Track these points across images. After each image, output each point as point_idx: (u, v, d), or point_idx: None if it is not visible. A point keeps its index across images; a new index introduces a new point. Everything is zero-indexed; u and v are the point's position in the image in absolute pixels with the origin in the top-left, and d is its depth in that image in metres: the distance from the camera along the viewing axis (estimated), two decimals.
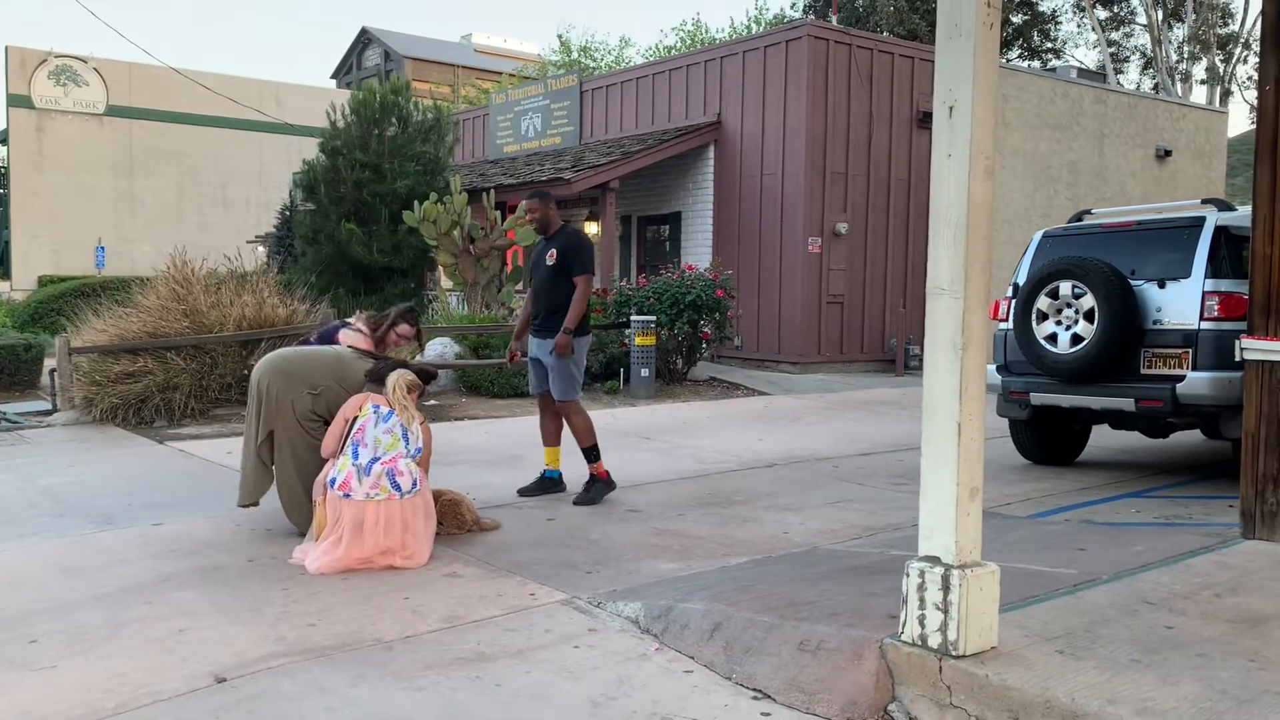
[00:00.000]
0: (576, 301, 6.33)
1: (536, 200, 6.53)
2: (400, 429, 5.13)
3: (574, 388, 6.46)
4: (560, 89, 20.46)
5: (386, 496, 4.93)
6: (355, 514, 4.89)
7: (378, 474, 4.96)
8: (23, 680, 3.61)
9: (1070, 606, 3.90)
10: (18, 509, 6.36)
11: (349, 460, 5.00)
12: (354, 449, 5.03)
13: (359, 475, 4.95)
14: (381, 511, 4.91)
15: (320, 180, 16.30)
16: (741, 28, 36.37)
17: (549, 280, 6.44)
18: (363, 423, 5.10)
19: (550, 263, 6.42)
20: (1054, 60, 35.61)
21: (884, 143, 16.20)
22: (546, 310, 6.46)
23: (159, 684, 3.55)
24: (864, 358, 16.19)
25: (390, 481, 4.96)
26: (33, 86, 31.26)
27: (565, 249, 6.40)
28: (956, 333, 3.31)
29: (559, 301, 6.38)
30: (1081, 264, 7.08)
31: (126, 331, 10.11)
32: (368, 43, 56.82)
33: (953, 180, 3.33)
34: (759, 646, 3.75)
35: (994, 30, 3.31)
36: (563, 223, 6.64)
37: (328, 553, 4.87)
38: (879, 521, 6.04)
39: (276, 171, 32.41)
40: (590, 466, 6.48)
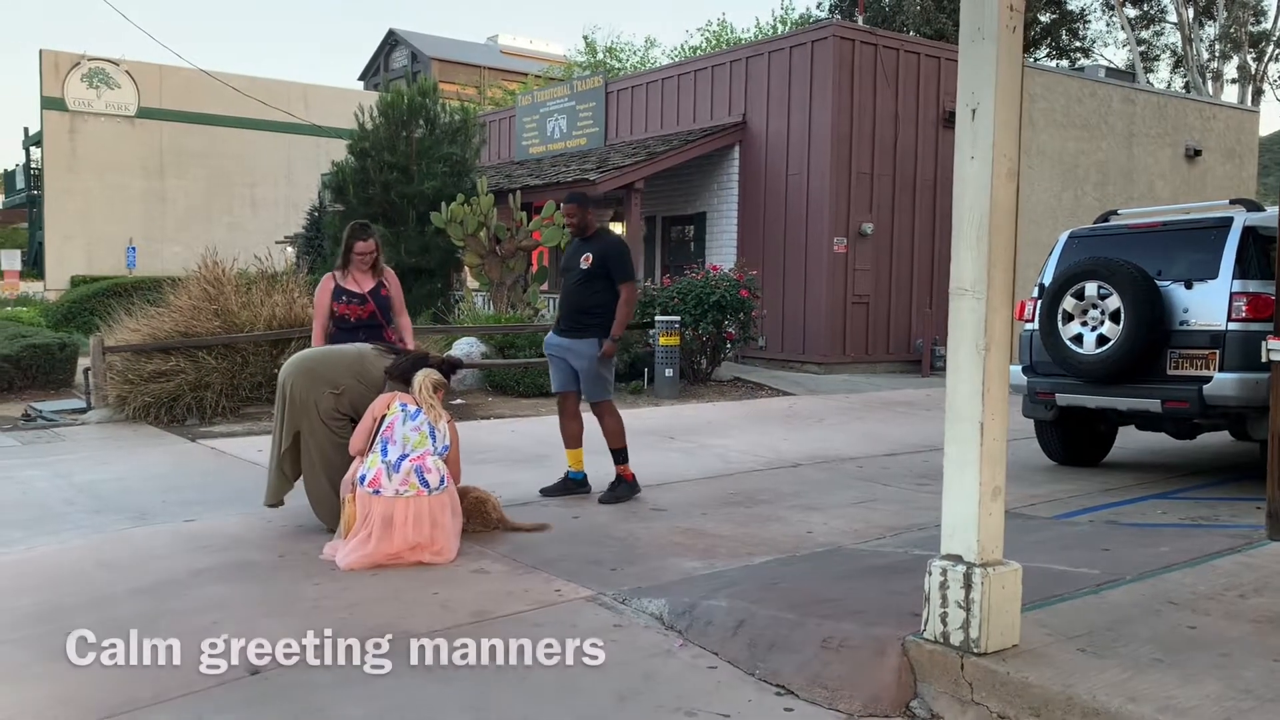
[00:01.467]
0: (623, 307, 6.37)
1: (575, 205, 6.55)
2: (428, 427, 5.21)
3: (607, 388, 6.51)
4: (586, 90, 20.54)
5: (415, 493, 5.01)
6: (385, 510, 4.96)
7: (406, 471, 5.03)
8: (64, 671, 3.70)
9: (1093, 606, 3.92)
10: (55, 505, 6.49)
11: (378, 457, 5.08)
12: (383, 446, 5.11)
13: (388, 472, 5.03)
14: (410, 508, 4.99)
15: (349, 181, 16.46)
16: (767, 28, 36.33)
17: (582, 282, 6.46)
18: (391, 420, 5.18)
19: (585, 266, 6.42)
20: (1082, 59, 35.34)
21: (910, 142, 16.16)
22: (574, 311, 6.48)
23: (195, 675, 3.64)
24: (889, 358, 16.16)
25: (419, 478, 5.04)
26: (66, 89, 31.66)
27: (604, 255, 6.41)
28: (979, 333, 3.34)
29: (589, 304, 6.41)
30: (1108, 264, 7.07)
31: (159, 331, 10.27)
32: (395, 44, 57.14)
33: (975, 182, 3.36)
34: (782, 643, 3.79)
35: (1016, 33, 3.34)
36: (599, 226, 6.68)
37: (357, 549, 4.94)
38: (903, 521, 6.06)
39: (304, 172, 32.67)
40: (618, 467, 6.52)
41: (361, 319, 6.13)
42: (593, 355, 6.38)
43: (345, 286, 6.17)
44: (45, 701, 3.43)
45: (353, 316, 6.13)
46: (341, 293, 6.15)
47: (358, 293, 6.15)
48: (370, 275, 6.24)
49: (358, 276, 6.21)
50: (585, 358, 6.41)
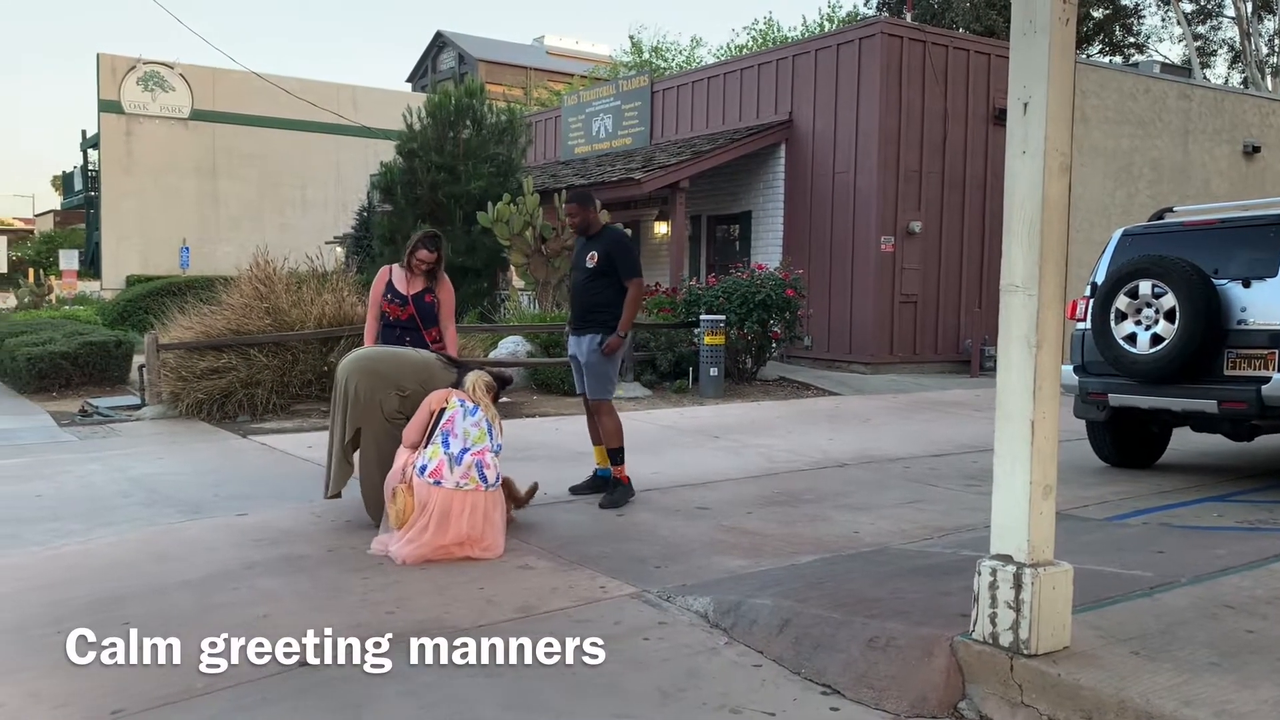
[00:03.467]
0: (629, 304, 6.35)
1: (576, 204, 6.56)
2: (486, 424, 5.26)
3: (609, 388, 6.49)
4: (631, 90, 20.56)
5: (474, 487, 5.07)
6: (444, 502, 5.02)
7: (468, 464, 5.09)
8: (117, 659, 3.76)
9: (1146, 609, 3.85)
10: (111, 498, 6.63)
11: (440, 449, 5.13)
12: (444, 439, 5.16)
13: (450, 464, 5.08)
14: (468, 501, 5.04)
15: (397, 182, 16.61)
16: (814, 26, 36.13)
17: (589, 280, 6.46)
18: (451, 414, 5.23)
19: (590, 264, 6.43)
20: (1136, 55, 34.72)
21: (959, 140, 15.99)
22: (584, 309, 6.49)
23: (245, 666, 3.69)
24: (938, 358, 16.00)
25: (479, 473, 5.10)
26: (122, 92, 32.31)
27: (609, 252, 6.41)
28: (1030, 330, 3.29)
29: (598, 302, 6.41)
30: (1162, 262, 6.93)
31: (211, 329, 10.45)
32: (442, 46, 57.62)
33: (1027, 177, 3.32)
34: (828, 642, 3.76)
35: (1069, 26, 3.29)
36: (604, 224, 6.68)
37: (414, 540, 4.99)
38: (951, 522, 5.99)
39: (353, 173, 33.04)
40: (613, 469, 6.45)
41: (399, 319, 6.20)
42: (595, 349, 6.36)
43: (395, 285, 6.25)
44: (100, 690, 3.50)
45: (392, 315, 6.21)
46: (390, 289, 6.24)
47: (403, 294, 6.21)
48: (422, 280, 6.29)
49: (411, 279, 6.28)
50: (589, 354, 6.40)
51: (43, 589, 4.64)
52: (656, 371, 13.09)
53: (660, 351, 13.11)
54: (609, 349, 6.32)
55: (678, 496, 6.59)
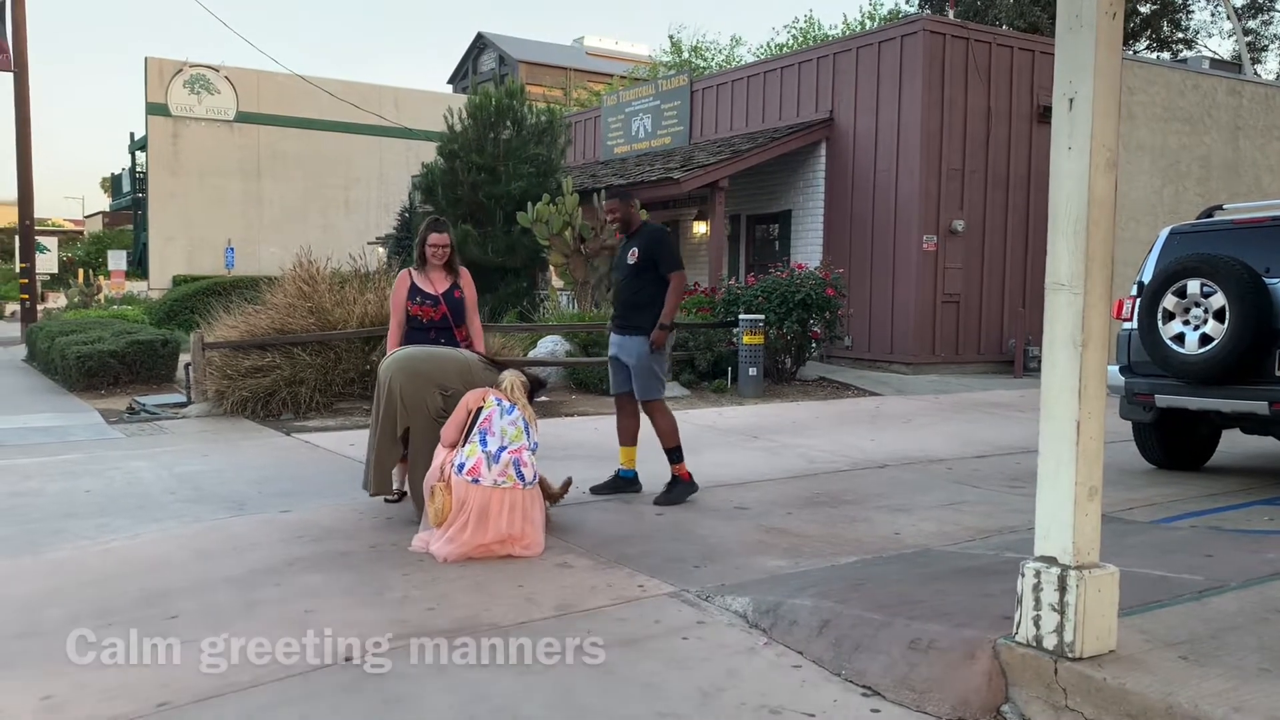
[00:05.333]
0: (671, 295, 6.32)
1: (617, 201, 6.57)
2: (523, 422, 5.28)
3: (658, 386, 6.44)
4: (670, 89, 20.56)
5: (512, 485, 5.09)
6: (482, 500, 5.04)
7: (505, 462, 5.11)
8: (165, 653, 3.83)
9: (1195, 613, 3.78)
10: (158, 495, 6.73)
11: (478, 447, 5.15)
12: (482, 437, 5.18)
13: (488, 462, 5.10)
14: (506, 499, 5.06)
15: (438, 183, 16.74)
16: (855, 24, 35.90)
17: (630, 278, 6.45)
18: (488, 414, 5.26)
19: (631, 261, 6.43)
20: (1185, 51, 34.13)
21: (1003, 138, 15.82)
22: (627, 307, 6.47)
23: (289, 660, 3.74)
24: (980, 359, 15.83)
25: (516, 471, 5.12)
26: (169, 95, 32.82)
27: (648, 247, 6.40)
28: (1076, 329, 3.25)
29: (640, 299, 6.38)
30: (1211, 261, 6.81)
31: (256, 328, 10.59)
32: (483, 48, 57.94)
33: (1073, 173, 3.27)
34: (868, 644, 3.73)
35: (1116, 20, 3.24)
36: (643, 221, 6.67)
37: (454, 539, 5.02)
38: (994, 524, 5.93)
39: (395, 174, 33.34)
40: (673, 467, 6.44)
41: (434, 320, 6.14)
42: (642, 351, 6.32)
43: (420, 286, 6.18)
44: (146, 682, 3.55)
45: (425, 318, 6.13)
46: (416, 292, 6.17)
47: (432, 294, 6.15)
48: (445, 275, 6.25)
49: (433, 276, 6.23)
50: (635, 354, 6.36)
51: (91, 584, 4.72)
52: (695, 371, 13.08)
53: (699, 351, 13.09)
54: (655, 343, 6.30)
55: (716, 496, 6.57)
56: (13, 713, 3.33)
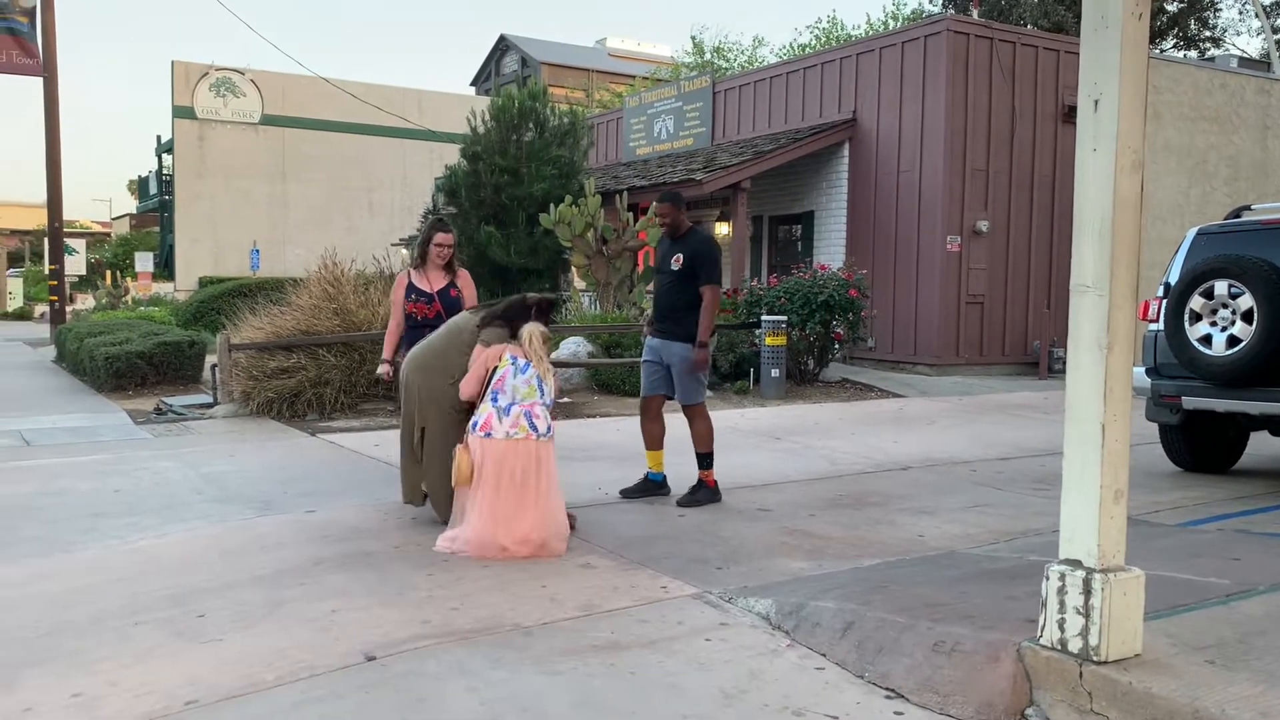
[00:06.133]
0: (706, 312, 6.29)
1: (669, 205, 6.52)
2: (536, 380, 5.37)
3: (700, 391, 6.47)
4: (693, 90, 20.55)
5: (524, 435, 5.19)
6: (496, 452, 5.13)
7: (516, 415, 5.23)
8: (192, 651, 3.88)
9: (1222, 617, 3.76)
10: (184, 495, 6.80)
11: (489, 404, 5.28)
12: (494, 396, 5.31)
13: (499, 416, 5.22)
14: (519, 450, 5.16)
15: (461, 184, 16.78)
16: (878, 24, 35.78)
17: (674, 283, 6.44)
18: (502, 373, 5.36)
19: (676, 267, 6.41)
20: (1212, 49, 33.80)
21: (1027, 138, 15.72)
22: (668, 312, 6.46)
23: (314, 659, 3.77)
24: (1005, 360, 15.74)
25: (528, 422, 5.22)
26: (195, 98, 33.07)
27: (694, 256, 6.37)
28: (1101, 331, 3.23)
29: (682, 304, 6.37)
30: (1239, 262, 6.75)
31: (281, 329, 10.67)
32: (505, 50, 58.14)
33: (1098, 174, 3.25)
34: (892, 646, 3.73)
35: (1142, 20, 3.22)
36: (691, 226, 6.63)
37: (477, 513, 5.12)
38: (1018, 526, 5.90)
39: (418, 176, 33.46)
40: (701, 472, 6.46)
41: (428, 318, 6.30)
42: (686, 355, 6.33)
43: (417, 284, 6.39)
44: (175, 681, 3.59)
45: (419, 315, 6.32)
46: (413, 290, 6.39)
47: (426, 291, 6.36)
48: (443, 274, 6.44)
49: (431, 275, 6.41)
50: (679, 358, 6.36)
51: (120, 582, 4.77)
52: (717, 372, 13.06)
53: (721, 353, 13.07)
54: (697, 366, 6.32)
55: (739, 498, 6.57)
56: (43, 709, 3.38)
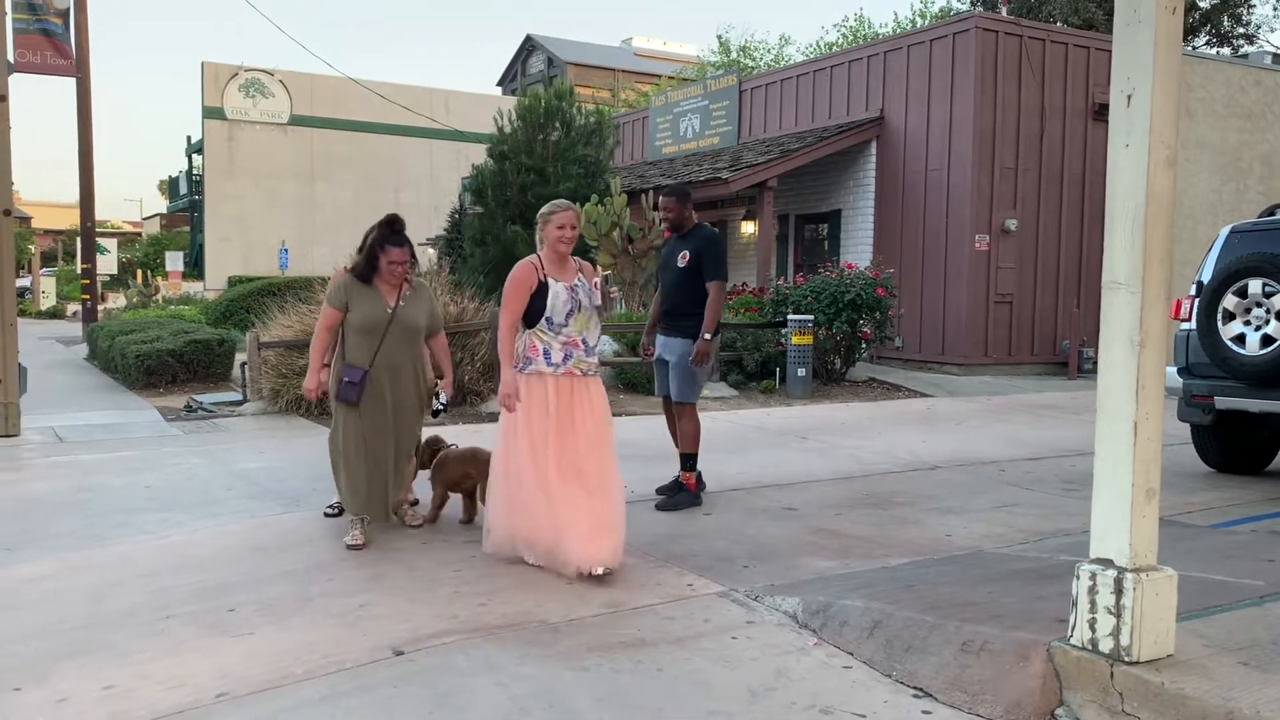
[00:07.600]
0: (710, 306, 6.20)
1: (673, 199, 6.44)
2: None
3: (695, 391, 6.37)
4: (719, 89, 20.52)
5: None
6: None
7: None
8: (223, 645, 3.92)
9: (1256, 618, 3.71)
10: (215, 491, 6.86)
11: None
12: None
13: None
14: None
15: (488, 184, 16.84)
16: (906, 22, 35.57)
17: (680, 280, 6.36)
18: None
19: (681, 264, 6.33)
20: (1246, 46, 33.38)
21: (1057, 136, 15.58)
22: (674, 309, 6.40)
23: (343, 654, 3.79)
24: (1034, 360, 15.61)
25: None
26: (225, 99, 33.38)
27: (699, 251, 6.30)
28: (1134, 329, 3.20)
29: (687, 301, 6.30)
30: (1274, 260, 6.66)
31: (310, 328, 10.72)
32: (531, 50, 58.26)
33: (1130, 170, 3.22)
34: (920, 645, 3.71)
35: (1176, 15, 3.19)
36: (697, 222, 6.54)
37: None
38: (1048, 526, 5.85)
39: (445, 176, 33.63)
40: (682, 474, 6.38)
41: None
42: (685, 352, 6.25)
43: None
44: (205, 674, 3.63)
45: None
46: None
47: None
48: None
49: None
50: (678, 355, 6.30)
51: (151, 576, 4.83)
52: (743, 372, 13.04)
53: (747, 351, 13.05)
54: (698, 359, 6.19)
55: (765, 497, 6.56)
56: (76, 701, 3.42)
